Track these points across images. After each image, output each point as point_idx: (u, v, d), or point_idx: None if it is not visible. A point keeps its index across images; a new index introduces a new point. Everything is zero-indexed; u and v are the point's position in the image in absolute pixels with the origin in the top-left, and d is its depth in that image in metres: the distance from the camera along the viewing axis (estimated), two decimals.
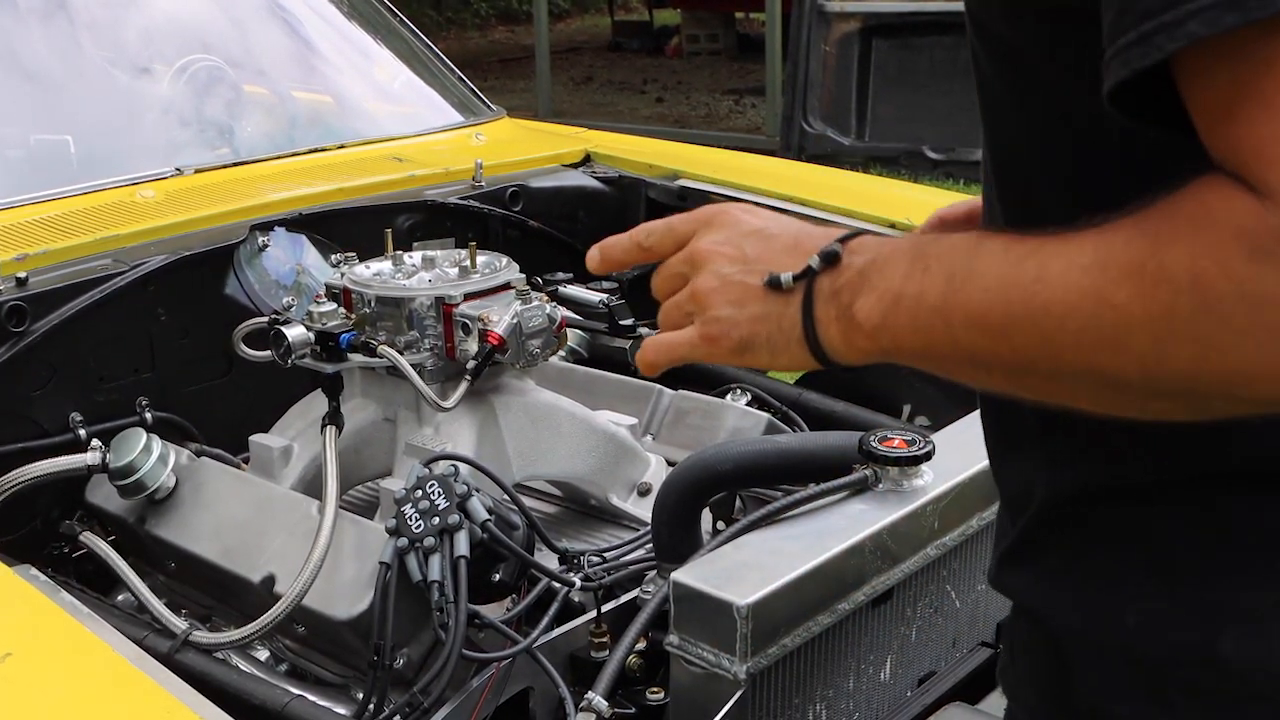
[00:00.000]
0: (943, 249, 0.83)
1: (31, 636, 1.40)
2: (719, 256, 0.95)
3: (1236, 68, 0.69)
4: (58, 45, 2.65)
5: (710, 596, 1.37)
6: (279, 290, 2.29)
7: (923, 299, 0.82)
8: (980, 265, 0.79)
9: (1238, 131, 0.70)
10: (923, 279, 0.82)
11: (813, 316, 0.89)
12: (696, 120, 10.30)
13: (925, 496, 1.57)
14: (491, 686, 1.55)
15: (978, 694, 1.72)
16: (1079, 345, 0.74)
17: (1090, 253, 0.74)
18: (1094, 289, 0.73)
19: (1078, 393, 0.79)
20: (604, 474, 2.01)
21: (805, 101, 7.51)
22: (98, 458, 1.93)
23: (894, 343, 0.85)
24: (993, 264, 0.79)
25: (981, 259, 0.80)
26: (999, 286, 0.78)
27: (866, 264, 0.87)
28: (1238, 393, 0.72)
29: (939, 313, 0.81)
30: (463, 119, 3.07)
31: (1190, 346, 0.71)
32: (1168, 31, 0.69)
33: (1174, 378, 0.73)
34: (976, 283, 0.79)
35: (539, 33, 10.79)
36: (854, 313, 0.87)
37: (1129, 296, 0.72)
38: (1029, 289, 0.76)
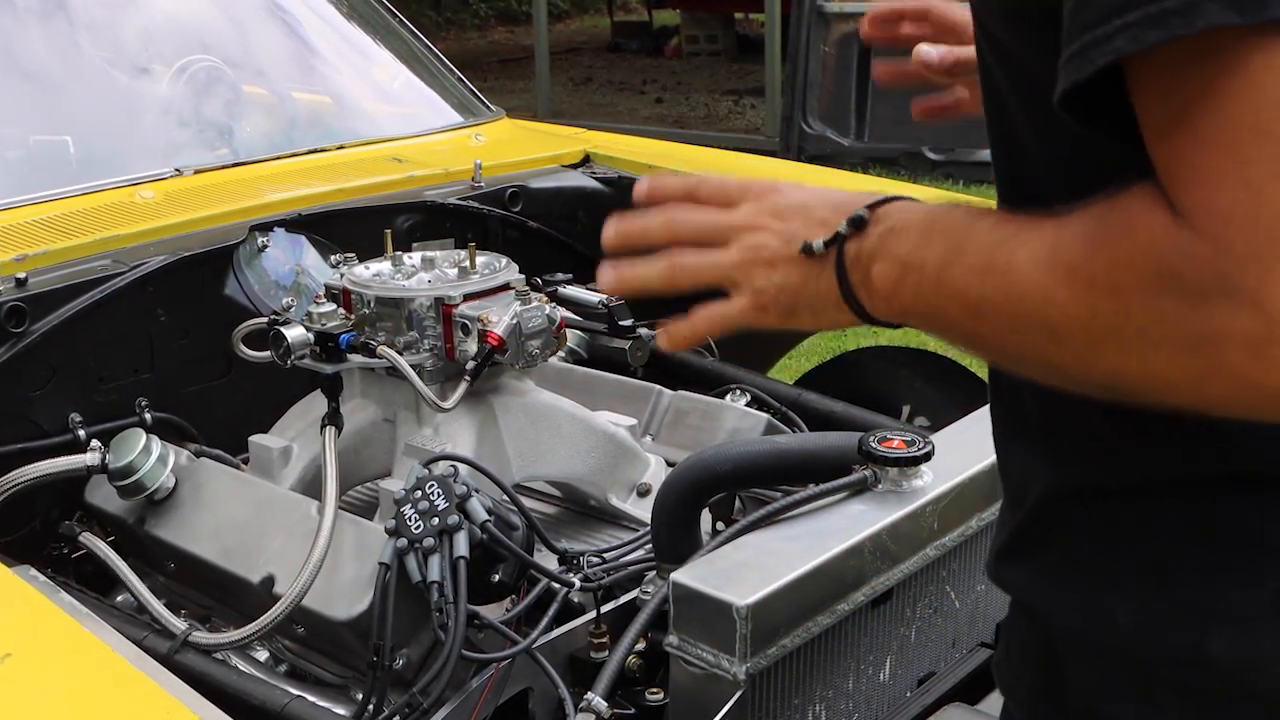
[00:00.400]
0: (948, 222, 0.86)
1: (31, 637, 1.40)
2: (761, 230, 0.97)
3: (1168, 87, 0.71)
4: (57, 46, 2.65)
5: (710, 597, 1.37)
6: (278, 291, 2.29)
7: (924, 270, 0.86)
8: (969, 244, 0.83)
9: (1163, 148, 0.72)
10: (926, 250, 0.86)
11: (847, 280, 0.92)
12: (696, 121, 10.31)
13: (925, 497, 1.57)
14: (491, 687, 1.55)
15: (977, 694, 1.72)
16: (1030, 331, 0.79)
17: (1046, 248, 0.77)
18: (1041, 284, 0.77)
19: (1043, 375, 0.83)
20: (603, 474, 2.01)
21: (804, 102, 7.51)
22: (97, 458, 1.93)
23: (903, 308, 0.89)
24: (979, 244, 0.82)
25: (972, 238, 0.83)
26: (980, 267, 0.81)
27: (886, 230, 0.90)
28: (1157, 396, 0.75)
29: (934, 285, 0.85)
30: (462, 119, 3.07)
31: (1114, 349, 0.74)
32: (1099, 46, 0.71)
33: (1104, 376, 0.77)
34: (964, 260, 0.83)
35: (538, 33, 10.79)
36: (871, 277, 0.90)
37: (1066, 296, 0.75)
38: (1000, 274, 0.80)
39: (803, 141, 7.49)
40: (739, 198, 1.00)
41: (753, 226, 0.97)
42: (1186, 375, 0.72)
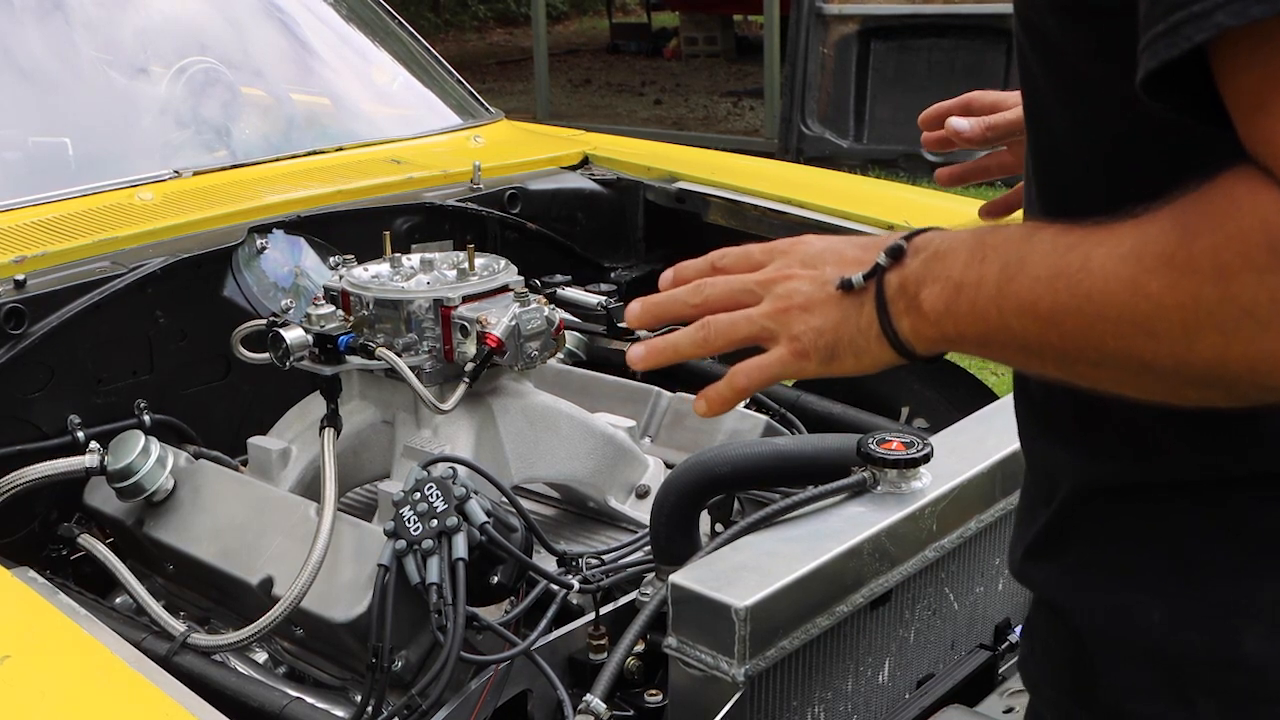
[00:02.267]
0: (1000, 239, 0.85)
1: (30, 639, 1.40)
2: (793, 279, 0.97)
3: (1268, 60, 0.70)
4: (56, 47, 2.65)
5: (708, 599, 1.37)
6: (277, 292, 2.29)
7: (981, 287, 0.85)
8: (1032, 255, 0.82)
9: (1268, 124, 0.71)
10: (981, 268, 0.85)
11: (887, 311, 0.91)
12: (695, 122, 10.31)
13: (923, 499, 1.57)
14: (490, 689, 1.55)
15: (976, 696, 1.72)
16: (1118, 332, 0.77)
17: (1128, 242, 0.76)
18: (1130, 278, 0.75)
19: (1122, 379, 0.81)
20: (602, 476, 2.01)
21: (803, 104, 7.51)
22: (96, 460, 1.93)
23: (957, 330, 0.88)
24: (1043, 253, 0.81)
25: (1034, 249, 0.82)
26: (1048, 275, 0.80)
27: (930, 256, 0.89)
28: (1264, 380, 0.73)
29: (995, 300, 0.84)
30: (461, 121, 3.08)
31: (1216, 335, 0.72)
32: (1195, 22, 0.70)
33: (1203, 365, 0.74)
34: (1028, 271, 0.81)
35: (537, 35, 10.79)
36: (920, 302, 0.89)
37: (1160, 286, 0.74)
38: (1074, 278, 0.78)
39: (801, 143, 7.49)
40: (764, 258, 1.00)
41: (784, 277, 0.97)
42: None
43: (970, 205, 3.15)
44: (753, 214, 2.71)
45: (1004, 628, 1.81)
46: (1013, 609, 1.84)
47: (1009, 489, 1.70)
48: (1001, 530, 1.75)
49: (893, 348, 0.92)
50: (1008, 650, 1.80)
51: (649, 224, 2.89)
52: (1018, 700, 1.71)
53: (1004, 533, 1.76)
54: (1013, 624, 1.82)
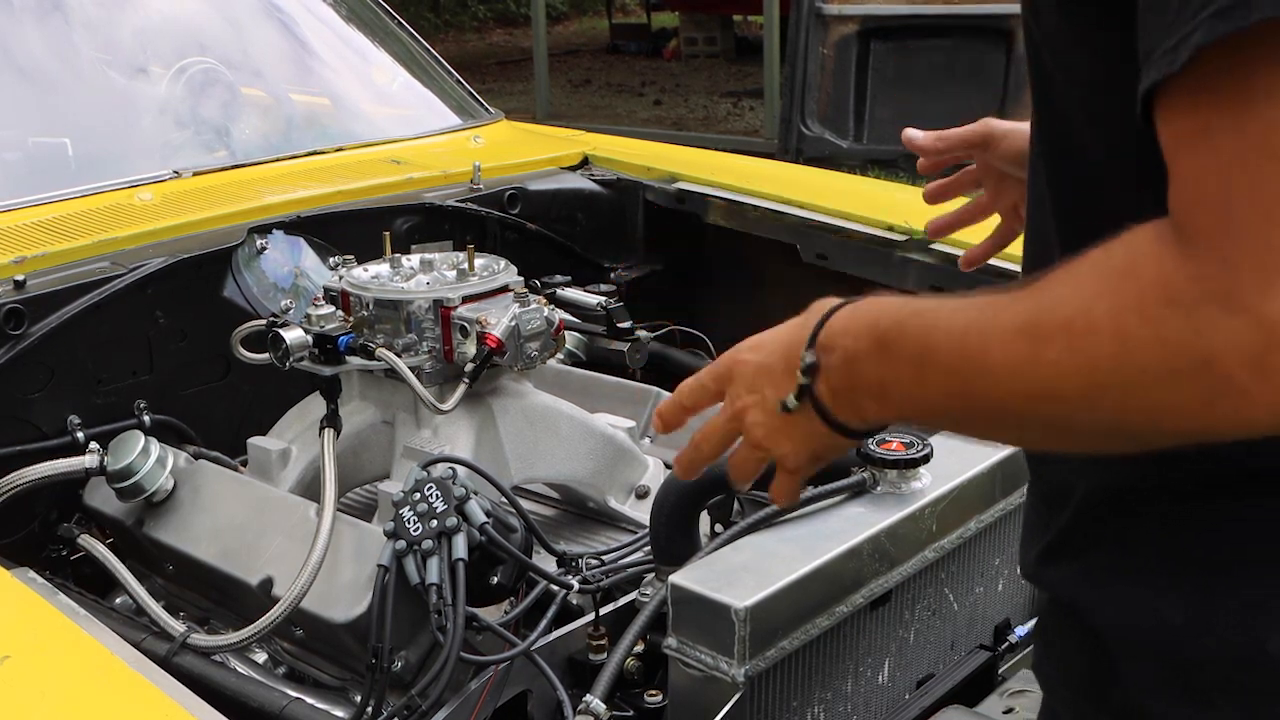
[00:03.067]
0: (900, 331, 0.88)
1: (30, 639, 1.40)
2: (747, 410, 1.02)
3: (1196, 101, 0.72)
4: (56, 48, 2.65)
5: (708, 599, 1.37)
6: (277, 293, 2.29)
7: (899, 387, 0.89)
8: (934, 342, 0.85)
9: (1177, 170, 0.73)
10: (890, 371, 0.89)
11: (833, 419, 0.95)
12: (694, 123, 10.31)
13: (923, 499, 1.57)
14: (490, 689, 1.55)
15: (976, 696, 1.72)
16: (1027, 402, 0.80)
17: (1024, 314, 0.79)
18: (1029, 352, 0.78)
19: (1045, 439, 0.88)
20: (602, 476, 2.01)
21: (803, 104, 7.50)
22: (96, 460, 1.93)
23: (901, 417, 0.94)
24: (946, 338, 0.84)
25: (934, 334, 0.85)
26: (954, 365, 0.84)
27: (842, 362, 0.93)
28: (1166, 429, 0.76)
29: (915, 401, 0.88)
30: (461, 122, 3.08)
31: (1116, 391, 0.75)
32: (1167, 58, 0.71)
33: (1107, 420, 0.77)
34: (937, 362, 0.85)
35: (537, 35, 10.79)
36: (860, 406, 0.93)
37: (1059, 353, 0.76)
38: (976, 362, 0.82)
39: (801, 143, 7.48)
40: (715, 386, 1.06)
41: (741, 410, 1.02)
42: (1191, 401, 0.73)
43: None
44: (753, 214, 2.71)
45: (1004, 628, 1.81)
46: (1012, 609, 1.84)
47: (1009, 489, 1.70)
48: (1001, 530, 1.75)
49: (858, 437, 0.97)
50: (1007, 650, 1.80)
51: (649, 224, 2.90)
52: (1017, 700, 1.71)
53: (1004, 533, 1.76)
54: (1013, 624, 1.82)
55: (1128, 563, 0.91)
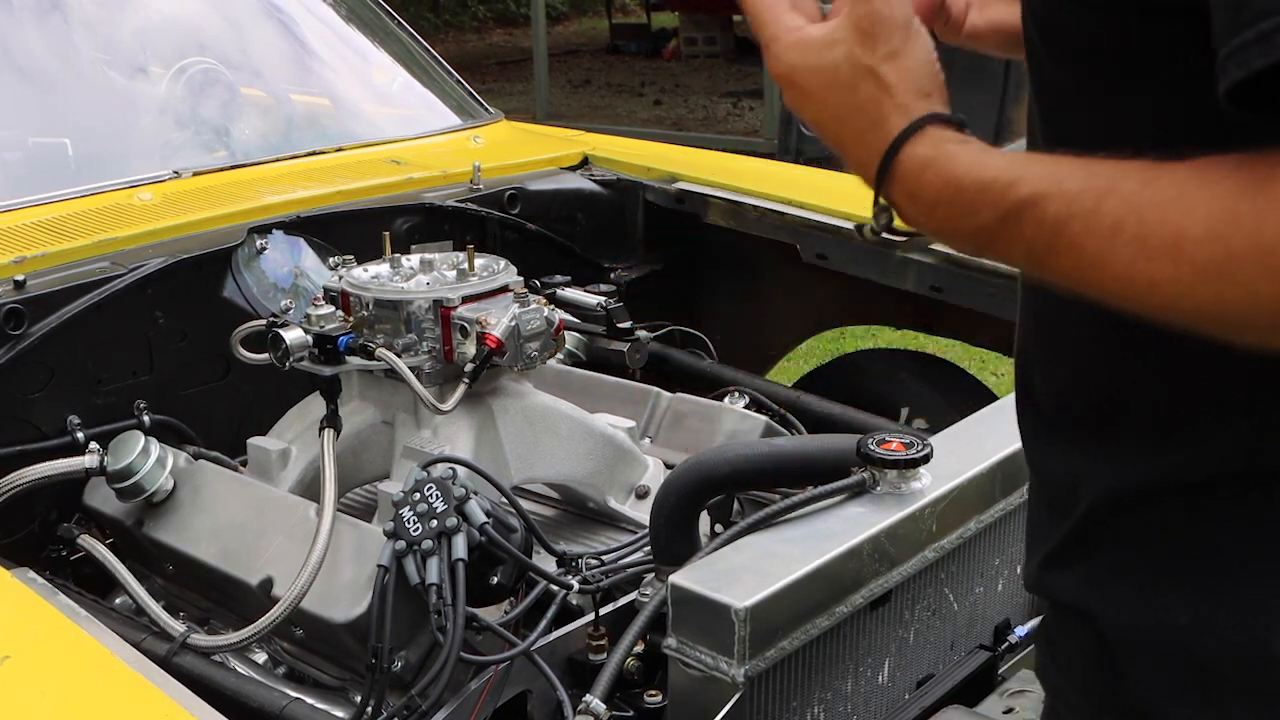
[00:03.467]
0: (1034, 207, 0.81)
1: (30, 639, 1.40)
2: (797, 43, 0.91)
3: None
4: (56, 48, 2.65)
5: (708, 599, 1.37)
6: (277, 293, 2.30)
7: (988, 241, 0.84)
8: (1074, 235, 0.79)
9: None
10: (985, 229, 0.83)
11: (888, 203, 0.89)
12: (694, 123, 10.31)
13: (923, 499, 1.57)
14: (489, 689, 1.55)
15: (976, 696, 1.72)
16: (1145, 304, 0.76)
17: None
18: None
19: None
20: (602, 477, 2.01)
21: None
22: (96, 460, 1.93)
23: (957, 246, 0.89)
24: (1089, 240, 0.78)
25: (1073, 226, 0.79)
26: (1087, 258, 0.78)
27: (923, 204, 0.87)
28: None
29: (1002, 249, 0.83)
30: (460, 122, 3.08)
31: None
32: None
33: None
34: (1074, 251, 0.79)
35: (537, 35, 10.79)
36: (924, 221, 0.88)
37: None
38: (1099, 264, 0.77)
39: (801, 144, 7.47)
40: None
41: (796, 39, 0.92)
42: None
43: None
44: (753, 214, 2.71)
45: (1004, 628, 1.81)
46: (1012, 609, 1.84)
47: (1009, 489, 1.70)
48: (1001, 530, 1.75)
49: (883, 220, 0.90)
50: (1007, 651, 1.80)
51: (649, 224, 2.90)
52: (1017, 700, 1.71)
53: (1004, 533, 1.76)
54: (1013, 624, 1.82)
55: (1134, 566, 0.90)
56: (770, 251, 2.73)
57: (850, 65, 0.89)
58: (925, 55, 0.89)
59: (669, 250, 2.92)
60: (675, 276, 2.94)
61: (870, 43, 0.88)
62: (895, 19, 0.88)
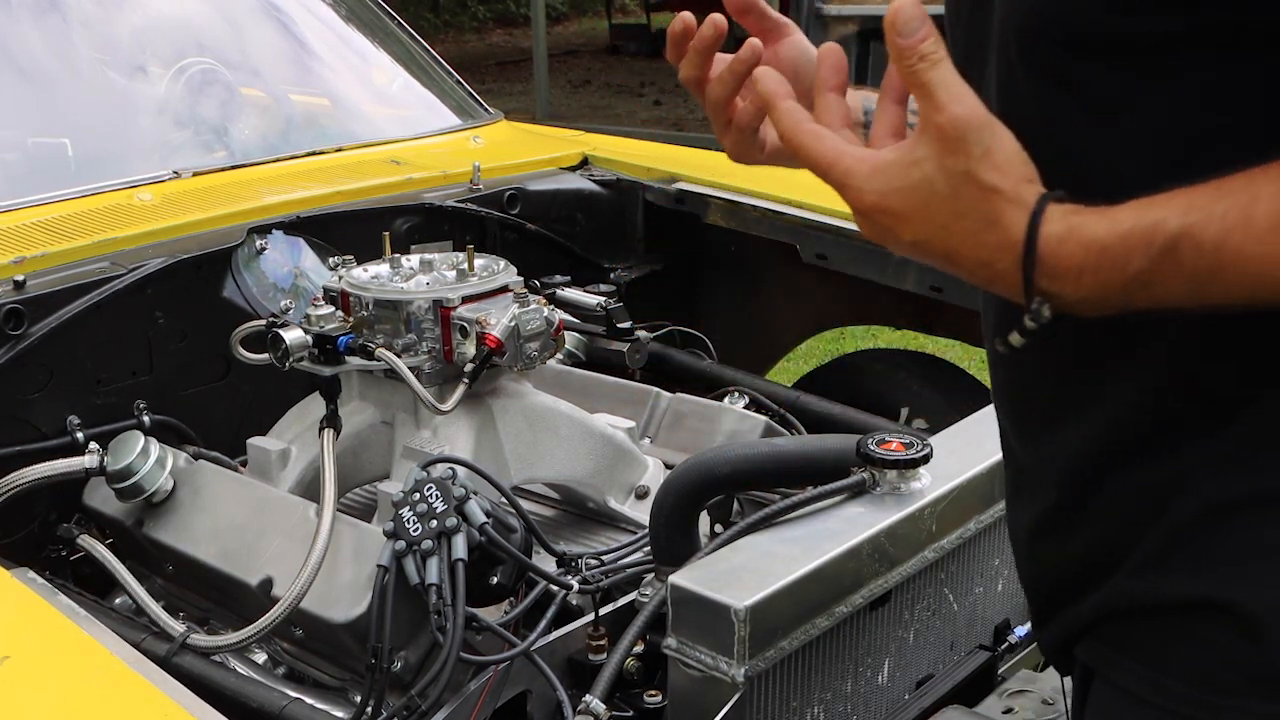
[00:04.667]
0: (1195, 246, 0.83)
1: (30, 639, 1.40)
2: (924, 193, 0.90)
3: None
4: (55, 48, 2.65)
5: (708, 599, 1.37)
6: (276, 293, 2.30)
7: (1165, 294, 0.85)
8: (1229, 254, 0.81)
9: None
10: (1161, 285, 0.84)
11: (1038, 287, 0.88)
12: (694, 123, 10.30)
13: (923, 499, 1.57)
14: (489, 689, 1.55)
15: (975, 697, 1.72)
16: None
17: None
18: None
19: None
20: (602, 477, 2.01)
21: None
22: (95, 461, 1.93)
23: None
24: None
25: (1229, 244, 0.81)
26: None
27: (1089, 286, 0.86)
28: None
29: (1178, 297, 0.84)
30: (460, 122, 3.08)
31: None
32: None
33: None
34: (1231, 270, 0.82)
35: (536, 36, 10.79)
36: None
37: None
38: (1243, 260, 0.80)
39: None
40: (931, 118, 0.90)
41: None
42: None
43: None
44: (752, 214, 2.71)
45: (1004, 628, 1.81)
46: (1012, 609, 1.84)
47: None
48: (1001, 531, 1.74)
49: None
50: (1007, 651, 1.80)
51: (649, 224, 2.90)
52: (1017, 700, 1.71)
53: (1003, 533, 1.75)
54: (1012, 624, 1.82)
55: (1259, 545, 0.90)
56: (770, 251, 2.73)
57: (945, 176, 0.88)
58: (1013, 144, 0.89)
59: (669, 250, 2.92)
60: (675, 276, 2.94)
61: (960, 148, 0.88)
62: (977, 118, 0.88)
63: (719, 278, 2.98)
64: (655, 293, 2.85)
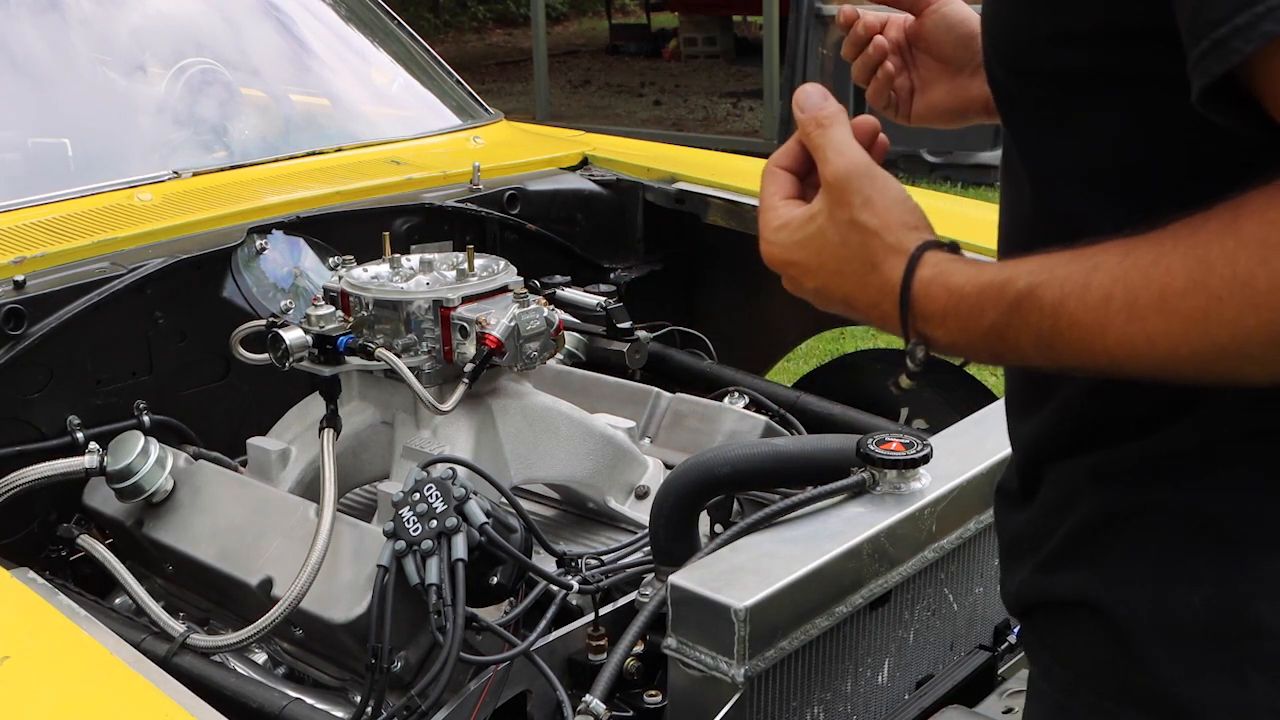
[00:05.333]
0: (1035, 304, 0.85)
1: (30, 639, 1.40)
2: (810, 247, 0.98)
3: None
4: (56, 48, 2.65)
5: (708, 599, 1.37)
6: (276, 293, 2.30)
7: (1015, 351, 0.88)
8: (1072, 313, 0.83)
9: None
10: (1013, 339, 0.87)
11: (913, 328, 0.93)
12: (694, 123, 10.31)
13: (923, 500, 1.57)
14: (489, 689, 1.55)
15: (975, 697, 1.72)
16: (1194, 358, 0.79)
17: (1186, 274, 0.78)
18: (1202, 313, 0.77)
19: (1201, 381, 0.82)
20: (601, 477, 2.01)
21: None
22: (95, 461, 1.93)
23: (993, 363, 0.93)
24: (1087, 314, 0.82)
25: (1070, 307, 0.83)
26: (1100, 332, 0.82)
27: (949, 332, 0.91)
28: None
29: (1039, 355, 0.87)
30: (460, 122, 3.08)
31: None
32: (1242, 35, 0.72)
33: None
34: (1075, 334, 0.83)
35: (536, 36, 10.79)
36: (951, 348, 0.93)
37: (1237, 312, 0.76)
38: (1127, 325, 0.80)
39: None
40: (821, 173, 0.98)
41: (807, 240, 0.99)
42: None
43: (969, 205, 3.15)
44: (752, 214, 2.71)
45: (1003, 628, 1.81)
46: None
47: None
48: None
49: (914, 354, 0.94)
50: (1007, 651, 1.80)
51: (648, 224, 2.90)
52: (1017, 700, 1.71)
53: None
54: (1012, 625, 1.82)
55: (1145, 552, 0.91)
56: None
57: (833, 225, 0.96)
58: (897, 192, 0.96)
59: (669, 250, 2.92)
60: (675, 276, 2.94)
61: (843, 197, 0.96)
62: (858, 168, 0.96)
63: (719, 278, 2.98)
64: (655, 293, 2.85)
